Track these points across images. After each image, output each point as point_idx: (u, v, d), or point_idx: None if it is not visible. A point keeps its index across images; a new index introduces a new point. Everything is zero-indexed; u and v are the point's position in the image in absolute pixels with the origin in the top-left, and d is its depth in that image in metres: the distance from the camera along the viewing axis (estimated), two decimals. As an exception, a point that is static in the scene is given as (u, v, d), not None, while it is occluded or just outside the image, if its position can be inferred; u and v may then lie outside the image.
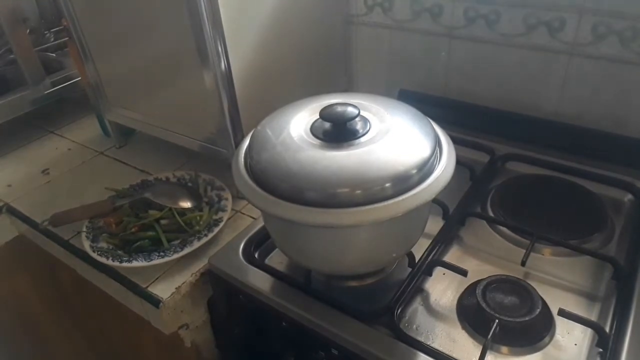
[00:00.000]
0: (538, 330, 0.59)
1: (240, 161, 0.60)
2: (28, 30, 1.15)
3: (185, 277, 0.73)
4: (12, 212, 0.92)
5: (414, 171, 0.53)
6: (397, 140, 0.56)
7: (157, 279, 0.73)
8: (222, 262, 0.72)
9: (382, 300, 0.63)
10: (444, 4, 0.89)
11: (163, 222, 0.79)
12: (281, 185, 0.54)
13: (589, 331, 0.58)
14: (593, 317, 0.61)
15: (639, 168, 0.80)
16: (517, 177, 0.85)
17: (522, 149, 0.88)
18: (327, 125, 0.58)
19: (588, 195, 0.78)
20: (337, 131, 0.57)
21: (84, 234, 0.78)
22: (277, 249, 0.74)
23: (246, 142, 0.63)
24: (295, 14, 0.86)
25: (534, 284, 0.63)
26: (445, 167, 0.56)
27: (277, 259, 0.74)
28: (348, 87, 1.11)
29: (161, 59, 0.82)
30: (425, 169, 0.54)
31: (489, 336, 0.56)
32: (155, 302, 0.70)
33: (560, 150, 0.85)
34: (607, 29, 0.76)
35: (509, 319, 0.58)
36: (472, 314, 0.61)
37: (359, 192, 0.52)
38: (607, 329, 0.58)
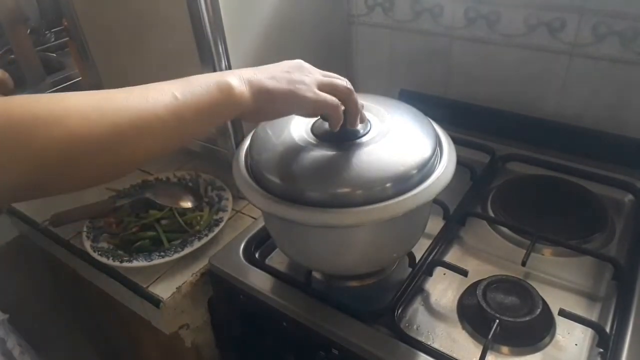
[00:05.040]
0: (538, 330, 0.59)
1: (240, 161, 0.60)
2: (29, 30, 1.15)
3: (186, 277, 0.73)
4: (13, 212, 0.92)
5: (415, 171, 0.53)
6: (398, 140, 0.56)
7: (157, 278, 0.73)
8: (223, 262, 0.72)
9: (383, 300, 0.63)
10: (444, 4, 0.89)
11: (163, 222, 0.79)
12: (282, 185, 0.54)
13: (589, 331, 0.58)
14: (593, 318, 0.61)
15: (639, 168, 0.80)
16: (518, 177, 0.85)
17: (522, 149, 0.88)
18: (328, 125, 0.58)
19: (588, 196, 0.78)
20: (337, 138, 0.57)
21: (84, 234, 0.78)
22: (277, 249, 0.74)
23: (247, 142, 0.63)
24: (295, 14, 0.86)
25: (534, 284, 0.63)
26: (445, 167, 0.56)
27: (277, 259, 0.74)
28: (348, 87, 1.10)
29: (161, 59, 0.82)
30: (425, 169, 0.54)
31: (490, 336, 0.56)
32: (155, 302, 0.70)
33: (561, 151, 0.85)
34: (608, 29, 0.76)
35: (510, 319, 0.58)
36: (473, 314, 0.61)
37: (359, 192, 0.52)
38: (608, 330, 0.58)
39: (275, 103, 0.49)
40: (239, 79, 0.47)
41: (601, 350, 0.56)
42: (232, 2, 0.72)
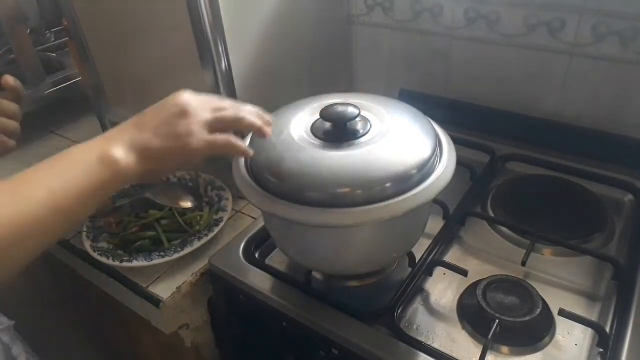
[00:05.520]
0: (538, 330, 0.59)
1: (240, 161, 0.60)
2: (28, 30, 1.15)
3: (186, 277, 0.73)
4: (13, 212, 0.92)
5: (415, 171, 0.53)
6: (398, 140, 0.56)
7: (157, 278, 0.73)
8: (223, 262, 0.72)
9: (383, 300, 0.63)
10: (444, 4, 0.89)
11: (163, 222, 0.79)
12: (282, 185, 0.54)
13: (589, 331, 0.59)
14: (593, 318, 0.61)
15: (639, 168, 0.80)
16: (518, 177, 0.85)
17: (522, 149, 0.88)
18: (328, 125, 0.58)
19: (588, 196, 0.78)
20: (338, 131, 0.57)
21: (84, 234, 0.78)
22: (277, 249, 0.74)
23: (247, 142, 0.63)
24: (295, 14, 0.86)
25: (534, 284, 0.63)
26: (445, 167, 0.56)
27: (277, 259, 0.74)
28: (348, 87, 1.10)
29: (161, 59, 0.82)
30: (425, 169, 0.54)
31: (490, 336, 0.56)
32: (155, 302, 0.70)
33: (561, 151, 0.85)
34: (608, 29, 0.76)
35: (510, 319, 0.58)
36: (473, 314, 0.61)
37: (359, 192, 0.52)
38: (608, 329, 0.58)
39: (166, 164, 0.47)
40: (122, 149, 0.44)
41: (601, 350, 0.56)
42: (232, 2, 0.72)
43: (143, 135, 0.45)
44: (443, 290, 0.66)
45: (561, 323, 0.59)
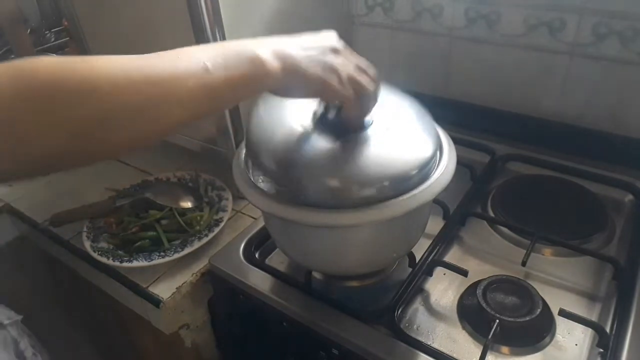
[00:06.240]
0: (539, 330, 0.59)
1: (240, 161, 0.60)
2: (28, 31, 1.15)
3: (186, 277, 0.73)
4: (13, 212, 0.92)
5: (415, 171, 0.53)
6: (398, 139, 0.56)
7: (157, 278, 0.73)
8: (223, 262, 0.72)
9: (383, 300, 0.63)
10: (444, 4, 0.89)
11: (163, 222, 0.79)
12: (281, 184, 0.54)
13: (589, 331, 0.59)
14: (594, 318, 0.61)
15: (639, 168, 0.80)
16: (518, 177, 0.85)
17: (522, 149, 0.88)
18: (329, 124, 0.58)
19: (588, 196, 0.78)
20: (338, 130, 0.57)
21: (84, 234, 0.78)
22: (277, 249, 0.74)
23: (244, 147, 0.63)
24: (295, 13, 0.86)
25: (534, 284, 0.63)
26: (445, 167, 0.56)
27: (277, 259, 0.74)
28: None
29: (162, 59, 0.82)
30: (425, 169, 0.54)
31: (490, 336, 0.56)
32: (155, 302, 0.71)
33: (561, 150, 0.85)
34: (608, 29, 0.76)
35: (510, 319, 0.58)
36: (473, 314, 0.61)
37: (359, 192, 0.52)
38: (608, 329, 0.58)
39: (305, 87, 0.48)
40: (272, 54, 0.45)
41: (601, 350, 0.56)
42: (232, 2, 0.72)
43: (293, 51, 0.47)
44: (443, 290, 0.66)
45: (561, 323, 0.59)
